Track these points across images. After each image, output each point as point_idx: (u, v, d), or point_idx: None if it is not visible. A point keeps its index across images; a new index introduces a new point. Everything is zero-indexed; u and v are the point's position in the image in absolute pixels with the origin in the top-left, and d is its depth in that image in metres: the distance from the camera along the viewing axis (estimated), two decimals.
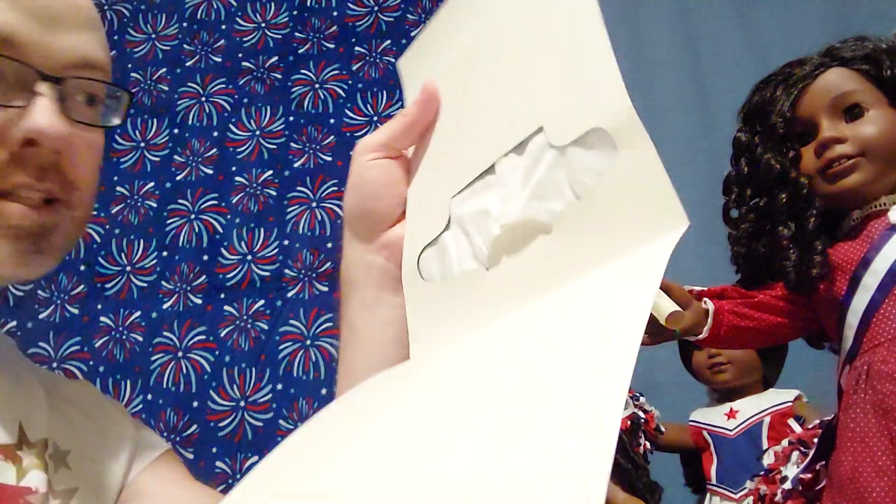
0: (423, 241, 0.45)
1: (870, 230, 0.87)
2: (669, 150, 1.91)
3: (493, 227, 0.39)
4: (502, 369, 0.33)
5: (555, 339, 0.32)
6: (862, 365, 0.83)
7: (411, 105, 0.47)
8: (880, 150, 0.87)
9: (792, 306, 0.93)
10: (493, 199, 0.40)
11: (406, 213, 0.47)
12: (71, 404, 0.54)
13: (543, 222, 0.37)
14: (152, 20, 2.24)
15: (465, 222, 0.42)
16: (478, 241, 0.41)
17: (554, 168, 0.37)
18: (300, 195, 2.06)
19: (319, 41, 2.21)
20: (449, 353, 0.39)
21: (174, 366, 1.91)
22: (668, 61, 1.93)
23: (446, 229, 0.43)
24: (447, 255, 0.43)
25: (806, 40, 1.05)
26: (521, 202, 0.38)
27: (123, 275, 2.00)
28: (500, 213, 0.39)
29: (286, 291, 1.97)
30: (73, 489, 0.49)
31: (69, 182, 0.47)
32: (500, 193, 0.40)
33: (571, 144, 0.36)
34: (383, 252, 0.48)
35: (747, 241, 0.94)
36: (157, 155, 2.11)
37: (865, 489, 0.78)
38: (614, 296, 0.31)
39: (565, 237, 0.36)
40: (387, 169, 0.47)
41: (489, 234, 0.40)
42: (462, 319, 0.40)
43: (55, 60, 0.45)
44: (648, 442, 1.35)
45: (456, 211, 0.43)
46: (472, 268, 0.41)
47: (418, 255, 0.45)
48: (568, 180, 0.36)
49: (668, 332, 0.92)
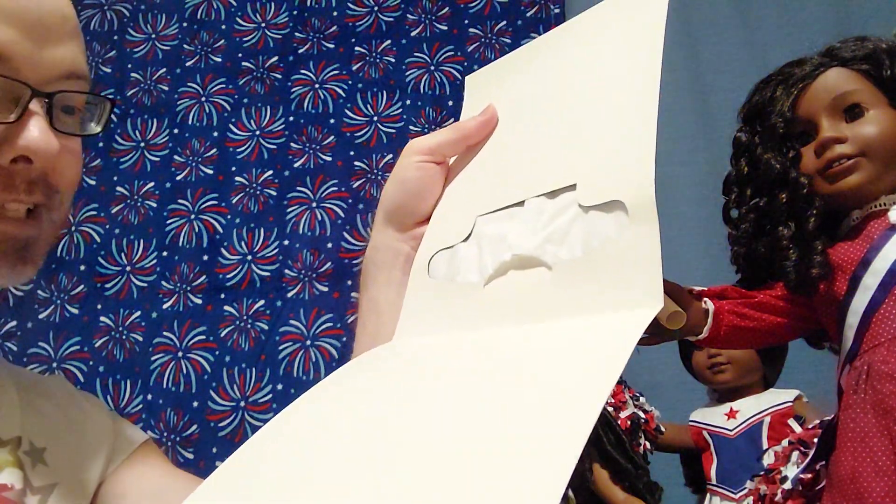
0: (440, 243, 0.49)
1: (870, 230, 0.87)
2: (669, 149, 1.93)
3: (504, 253, 0.44)
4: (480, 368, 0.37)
5: (531, 369, 0.36)
6: (862, 365, 0.83)
7: (470, 121, 0.51)
8: (880, 150, 0.87)
9: (792, 306, 0.93)
10: (513, 229, 0.45)
11: (434, 211, 0.52)
12: (46, 400, 0.54)
13: (547, 263, 0.42)
14: (152, 20, 2.24)
15: (482, 240, 0.47)
16: (487, 259, 0.45)
17: (573, 222, 0.42)
18: (300, 195, 2.06)
19: (319, 41, 2.21)
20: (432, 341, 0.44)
21: (174, 366, 1.91)
22: (668, 61, 1.92)
23: (465, 241, 0.48)
24: (456, 262, 0.47)
25: (806, 40, 1.05)
26: (536, 241, 0.43)
27: (123, 275, 2.00)
28: (516, 243, 0.44)
29: (286, 291, 1.97)
30: (52, 485, 0.50)
31: (53, 189, 0.48)
32: (521, 227, 0.44)
33: (594, 207, 0.41)
34: (411, 243, 0.52)
35: (747, 241, 0.94)
36: (157, 155, 2.11)
37: (865, 489, 0.78)
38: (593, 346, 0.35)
39: (561, 281, 0.41)
40: (431, 172, 0.51)
41: (499, 258, 0.44)
42: (449, 322, 0.45)
43: (44, 74, 0.45)
44: (648, 442, 1.35)
45: (479, 229, 0.48)
46: (473, 280, 0.45)
47: (432, 254, 0.49)
48: (581, 236, 0.41)
49: (668, 332, 0.91)
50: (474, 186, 0.50)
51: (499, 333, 0.41)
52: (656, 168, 0.39)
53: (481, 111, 0.52)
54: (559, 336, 0.38)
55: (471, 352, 0.41)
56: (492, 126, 0.51)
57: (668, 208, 1.78)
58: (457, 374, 0.39)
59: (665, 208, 0.37)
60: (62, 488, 0.50)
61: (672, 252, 1.43)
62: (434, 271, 0.49)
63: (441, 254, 0.49)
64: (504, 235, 0.45)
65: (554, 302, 0.40)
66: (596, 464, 1.29)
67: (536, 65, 0.51)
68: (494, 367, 0.37)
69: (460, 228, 0.48)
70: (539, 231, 0.43)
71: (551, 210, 0.43)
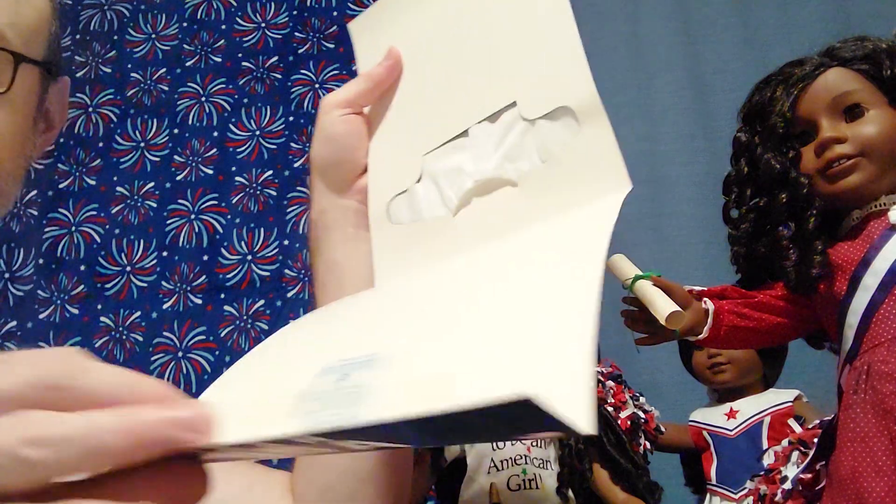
0: (392, 189, 0.50)
1: (870, 230, 0.87)
2: (669, 149, 1.92)
3: (465, 182, 0.45)
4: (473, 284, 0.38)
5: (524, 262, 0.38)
6: (862, 365, 0.83)
7: (377, 67, 0.51)
8: (880, 150, 0.87)
9: (792, 306, 0.93)
10: (466, 158, 0.46)
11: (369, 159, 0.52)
12: None
13: (511, 179, 0.43)
14: (152, 20, 2.24)
15: (437, 176, 0.47)
16: (448, 192, 0.46)
17: (524, 136, 0.43)
18: (300, 195, 2.06)
19: (319, 41, 2.21)
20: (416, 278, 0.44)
21: (174, 366, 1.91)
22: (668, 61, 1.93)
23: (418, 182, 0.48)
24: (417, 203, 0.48)
25: (806, 40, 1.05)
26: (493, 162, 0.44)
27: (123, 275, 2.00)
28: (474, 170, 0.45)
29: (286, 291, 1.97)
30: None
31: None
32: (474, 154, 0.45)
33: (541, 118, 0.42)
34: (356, 196, 0.52)
35: (747, 241, 0.94)
36: (157, 155, 2.11)
37: (865, 489, 0.78)
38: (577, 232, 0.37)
39: (529, 191, 0.42)
40: (356, 123, 0.52)
41: (461, 188, 0.45)
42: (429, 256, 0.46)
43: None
44: (648, 442, 1.35)
45: (429, 167, 0.48)
46: (441, 214, 0.46)
47: (387, 201, 0.50)
48: (535, 146, 0.43)
49: (668, 332, 0.92)
50: (406, 128, 0.51)
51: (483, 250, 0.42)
52: (656, 168, 0.39)
53: (385, 56, 0.52)
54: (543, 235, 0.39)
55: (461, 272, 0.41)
56: (399, 69, 0.51)
57: (668, 208, 1.78)
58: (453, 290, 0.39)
59: (665, 208, 0.37)
60: None
61: (672, 252, 1.44)
62: (396, 217, 0.49)
63: (398, 199, 0.49)
64: (459, 166, 0.46)
65: (527, 212, 0.41)
66: (596, 464, 1.28)
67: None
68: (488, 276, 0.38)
69: (408, 171, 0.49)
70: (493, 153, 0.44)
71: (498, 131, 0.44)
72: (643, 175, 1.82)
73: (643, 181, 1.83)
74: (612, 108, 0.39)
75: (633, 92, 1.90)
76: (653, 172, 1.81)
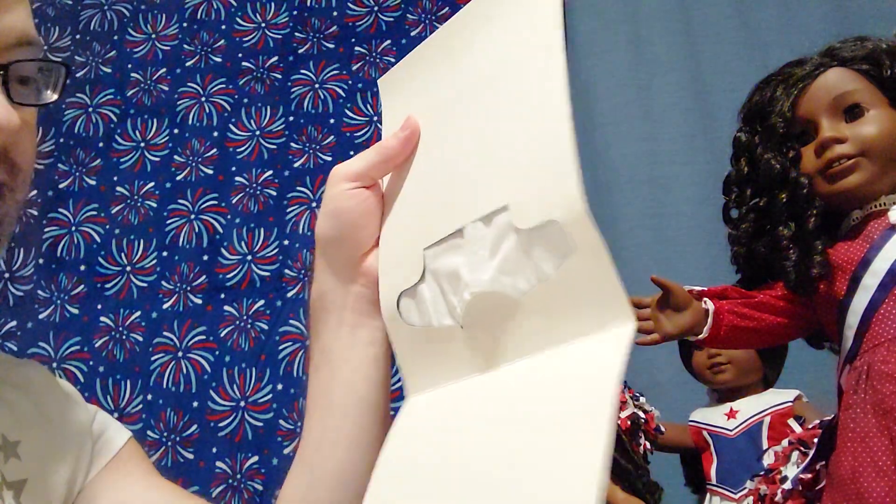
0: (398, 283, 0.47)
1: (870, 230, 0.87)
2: (669, 149, 1.92)
3: (464, 292, 0.43)
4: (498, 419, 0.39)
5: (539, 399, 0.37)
6: (862, 365, 0.83)
7: (392, 139, 0.48)
8: (880, 150, 0.87)
9: (792, 306, 0.93)
10: (462, 263, 0.44)
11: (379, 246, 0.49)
12: (22, 394, 0.53)
13: (510, 297, 0.41)
14: (152, 20, 2.24)
15: (439, 278, 0.45)
16: (452, 300, 0.44)
17: (518, 249, 0.41)
18: (300, 195, 2.06)
19: (319, 41, 2.21)
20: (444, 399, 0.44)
21: (174, 366, 1.91)
22: (668, 61, 1.93)
23: (422, 280, 0.46)
24: (424, 307, 0.46)
25: (806, 40, 1.05)
26: (489, 273, 0.42)
27: (123, 275, 2.00)
28: (471, 279, 0.43)
29: (286, 291, 1.97)
30: (23, 480, 0.48)
31: (16, 166, 0.45)
32: (469, 259, 0.43)
33: (532, 230, 0.40)
34: (360, 279, 0.49)
35: (747, 241, 0.94)
36: (157, 155, 2.11)
37: (865, 489, 0.78)
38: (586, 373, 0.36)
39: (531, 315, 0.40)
40: (364, 199, 0.48)
41: (462, 298, 0.43)
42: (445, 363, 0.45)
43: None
44: (648, 442, 1.35)
45: (430, 264, 0.46)
46: (449, 324, 0.44)
47: (396, 298, 0.47)
48: (531, 263, 0.40)
49: (668, 332, 0.92)
50: (412, 211, 0.48)
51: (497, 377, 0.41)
52: (656, 168, 0.39)
53: (401, 125, 0.48)
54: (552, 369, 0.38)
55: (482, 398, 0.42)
56: (414, 141, 0.48)
57: (668, 208, 1.78)
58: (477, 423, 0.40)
59: (665, 208, 0.36)
60: (32, 484, 0.49)
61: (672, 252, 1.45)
62: (406, 316, 0.47)
63: (405, 299, 0.47)
64: (456, 272, 0.44)
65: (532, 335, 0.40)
66: None
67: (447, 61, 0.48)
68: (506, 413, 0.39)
69: (412, 264, 0.46)
70: (488, 262, 0.42)
71: (491, 237, 0.42)
72: (643, 175, 1.82)
73: (643, 181, 1.84)
74: (612, 108, 0.37)
75: (633, 92, 1.90)
76: (653, 172, 1.82)
